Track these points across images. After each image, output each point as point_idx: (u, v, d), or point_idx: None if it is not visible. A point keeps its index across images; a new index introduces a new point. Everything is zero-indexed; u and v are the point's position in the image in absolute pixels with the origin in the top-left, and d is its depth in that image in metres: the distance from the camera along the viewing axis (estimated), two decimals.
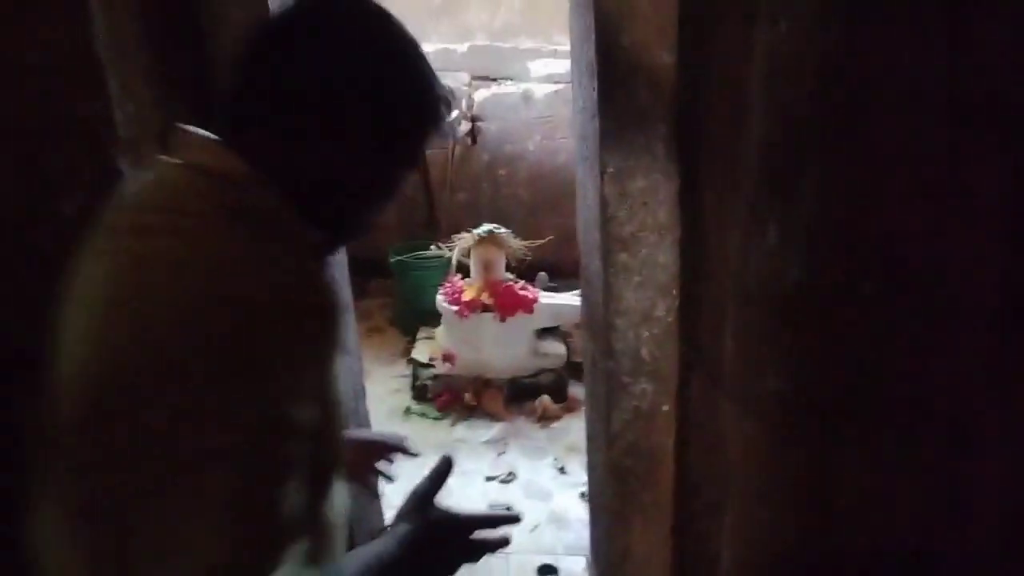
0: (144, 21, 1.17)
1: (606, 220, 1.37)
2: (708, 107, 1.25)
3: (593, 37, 1.29)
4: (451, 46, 4.25)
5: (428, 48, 0.75)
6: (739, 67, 1.11)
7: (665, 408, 1.50)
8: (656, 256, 1.40)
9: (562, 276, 3.70)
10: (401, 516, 0.81)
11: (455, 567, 0.81)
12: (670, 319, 1.44)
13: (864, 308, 1.08)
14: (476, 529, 0.83)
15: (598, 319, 1.50)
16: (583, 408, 2.83)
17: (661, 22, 1.26)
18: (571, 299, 3.04)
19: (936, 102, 0.90)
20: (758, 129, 1.09)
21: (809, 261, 1.10)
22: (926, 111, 0.92)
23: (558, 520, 2.33)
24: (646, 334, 1.44)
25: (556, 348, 3.25)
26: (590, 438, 1.77)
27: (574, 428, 2.85)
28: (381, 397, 3.12)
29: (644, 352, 1.45)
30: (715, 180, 1.25)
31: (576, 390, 3.01)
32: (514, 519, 0.89)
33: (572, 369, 3.10)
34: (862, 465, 1.16)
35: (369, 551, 0.76)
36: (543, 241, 3.34)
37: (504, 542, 0.86)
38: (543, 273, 3.72)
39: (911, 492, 1.14)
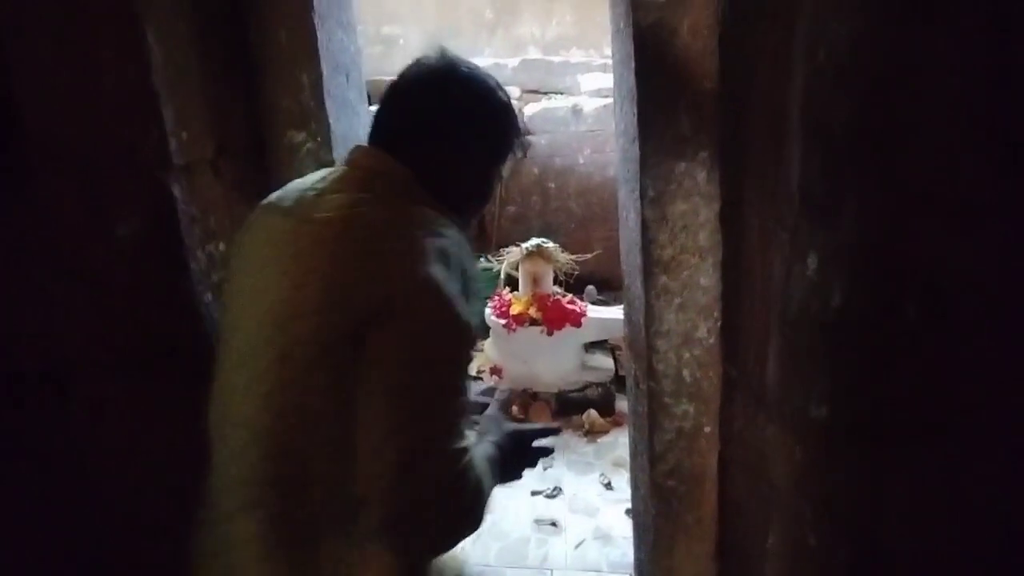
0: (199, 51, 1.23)
1: (647, 243, 1.38)
2: (749, 133, 1.25)
3: (633, 64, 1.30)
4: (502, 61, 4.31)
5: (480, 63, 0.97)
6: (779, 94, 1.11)
7: (707, 429, 1.49)
8: (697, 278, 1.40)
9: (611, 289, 3.70)
10: (484, 432, 1.12)
11: (522, 470, 1.13)
12: (711, 341, 1.44)
13: (905, 332, 1.07)
14: (534, 439, 1.17)
15: (640, 340, 1.51)
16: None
17: (701, 49, 1.27)
18: (619, 313, 3.03)
19: (975, 131, 0.89)
20: (797, 156, 1.09)
21: (849, 287, 1.09)
22: (965, 139, 0.91)
23: (603, 536, 2.34)
24: (687, 355, 1.45)
25: (604, 362, 3.25)
26: (633, 457, 1.78)
27: (621, 443, 2.84)
28: None
29: (686, 373, 1.46)
30: (756, 204, 1.25)
31: (624, 404, 3.00)
32: (556, 431, 1.32)
33: (620, 383, 3.09)
34: (909, 490, 1.14)
35: (481, 450, 1.01)
36: (591, 255, 3.35)
37: (551, 450, 1.21)
38: (591, 287, 3.73)
39: (961, 517, 1.12)
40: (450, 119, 0.99)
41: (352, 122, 1.52)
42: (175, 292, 1.16)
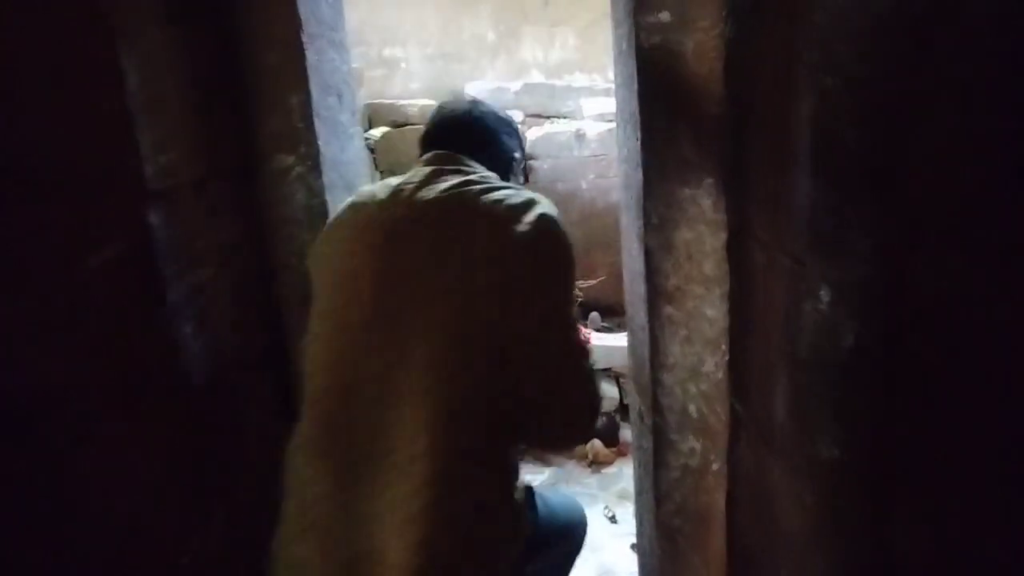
0: (182, 72, 1.19)
1: (650, 272, 1.33)
2: (755, 159, 1.20)
3: (636, 87, 1.26)
4: (504, 84, 4.29)
5: (483, 86, 0.97)
6: (786, 119, 1.06)
7: (715, 467, 1.43)
8: (703, 310, 1.34)
9: (615, 316, 3.64)
10: None
11: None
12: (719, 375, 1.38)
13: (922, 373, 1.00)
14: None
15: (644, 373, 1.45)
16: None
17: (706, 72, 1.23)
18: (624, 340, 2.97)
19: (994, 156, 0.84)
20: (806, 184, 1.04)
21: (863, 324, 1.03)
22: (987, 170, 0.85)
23: (607, 573, 2.25)
24: (694, 390, 1.39)
25: (608, 391, 3.18)
26: (638, 494, 1.71)
27: (626, 474, 2.77)
28: None
29: (692, 409, 1.40)
30: (763, 234, 1.20)
31: (628, 433, 2.93)
32: None
33: (624, 412, 3.02)
34: (926, 538, 1.08)
35: None
36: (595, 282, 3.29)
37: None
38: (595, 313, 3.67)
39: (980, 568, 1.05)
40: (486, 133, 1.28)
41: (344, 145, 1.48)
42: (150, 325, 1.10)
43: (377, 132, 3.56)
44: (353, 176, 1.53)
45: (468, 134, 1.24)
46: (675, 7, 1.21)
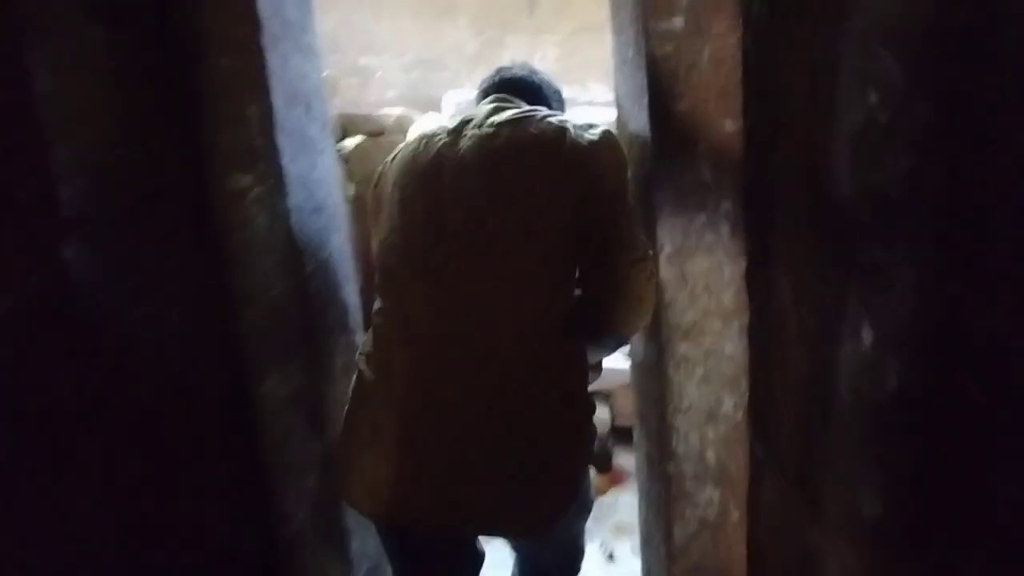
0: (115, 79, 1.03)
1: (663, 306, 1.21)
2: (780, 180, 1.10)
3: (646, 101, 1.14)
4: None
5: (463, 95, 0.87)
6: (817, 135, 0.95)
7: (735, 517, 1.31)
8: (721, 346, 1.23)
9: None
10: None
11: None
12: (738, 417, 1.26)
13: (973, 419, 0.90)
14: None
15: (655, 417, 1.32)
16: (631, 480, 2.60)
17: (723, 84, 1.12)
18: (617, 363, 2.84)
19: None
20: (846, 209, 0.93)
21: (909, 365, 0.92)
22: None
23: None
24: (712, 435, 1.27)
25: (599, 413, 3.05)
26: (646, 543, 1.58)
27: (622, 504, 2.64)
28: None
29: (710, 455, 1.28)
30: (789, 264, 1.09)
31: (621, 459, 2.80)
32: None
33: (617, 435, 2.89)
34: None
35: None
36: None
37: None
38: None
39: None
40: (540, 96, 1.34)
41: (314, 161, 1.32)
42: (65, 380, 0.92)
43: (351, 142, 3.41)
44: (324, 196, 1.38)
45: (524, 91, 1.32)
46: (689, 12, 1.09)
